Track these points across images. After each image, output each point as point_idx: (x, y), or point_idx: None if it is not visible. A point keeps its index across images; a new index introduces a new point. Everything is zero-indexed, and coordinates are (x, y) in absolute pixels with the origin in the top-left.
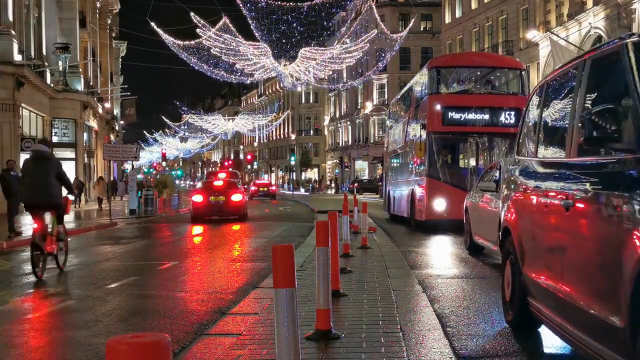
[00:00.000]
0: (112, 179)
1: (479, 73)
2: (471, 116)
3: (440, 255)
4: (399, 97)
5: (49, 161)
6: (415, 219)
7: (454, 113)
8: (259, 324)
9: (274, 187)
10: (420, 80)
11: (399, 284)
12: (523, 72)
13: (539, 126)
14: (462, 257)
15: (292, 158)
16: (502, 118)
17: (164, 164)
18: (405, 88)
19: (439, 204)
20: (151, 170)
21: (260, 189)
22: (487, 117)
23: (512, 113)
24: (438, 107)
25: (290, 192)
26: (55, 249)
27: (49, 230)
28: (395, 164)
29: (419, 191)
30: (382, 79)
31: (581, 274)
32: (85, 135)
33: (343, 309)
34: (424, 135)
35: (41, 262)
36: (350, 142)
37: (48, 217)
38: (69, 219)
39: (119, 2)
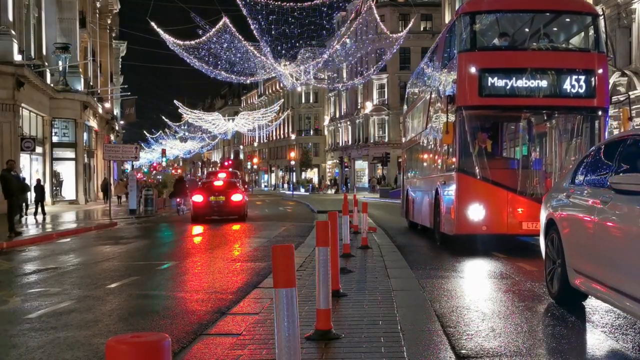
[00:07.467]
0: (125, 179)
1: (531, 24)
2: (522, 83)
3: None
4: (419, 68)
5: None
6: (440, 232)
7: (496, 78)
8: (259, 324)
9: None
10: (446, 36)
11: (399, 284)
12: (599, 20)
13: None
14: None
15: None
16: (568, 85)
17: (164, 161)
18: (428, 53)
19: (475, 212)
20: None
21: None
22: (545, 83)
23: (583, 78)
24: (473, 69)
25: (290, 192)
26: None
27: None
28: (414, 157)
29: (446, 192)
30: (382, 79)
31: None
32: (85, 135)
33: (343, 309)
34: (453, 112)
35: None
36: (350, 142)
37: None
38: (69, 219)
39: (119, 2)
